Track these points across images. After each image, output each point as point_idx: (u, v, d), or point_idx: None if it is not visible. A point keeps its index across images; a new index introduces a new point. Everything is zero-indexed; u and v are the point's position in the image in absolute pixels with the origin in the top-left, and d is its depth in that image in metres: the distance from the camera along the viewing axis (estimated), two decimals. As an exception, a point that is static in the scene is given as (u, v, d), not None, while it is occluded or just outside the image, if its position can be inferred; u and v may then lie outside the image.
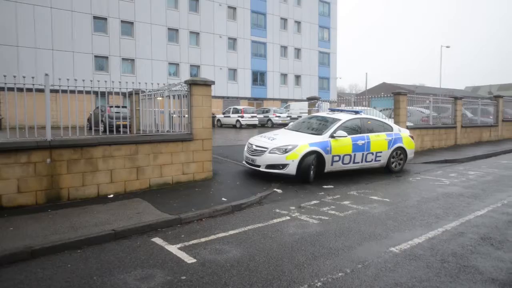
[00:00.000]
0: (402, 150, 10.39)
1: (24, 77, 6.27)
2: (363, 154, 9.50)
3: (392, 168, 10.22)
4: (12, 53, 27.87)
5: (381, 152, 9.87)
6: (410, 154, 10.69)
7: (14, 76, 6.12)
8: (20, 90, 6.32)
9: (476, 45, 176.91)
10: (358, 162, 9.50)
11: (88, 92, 7.91)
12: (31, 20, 28.66)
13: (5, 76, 5.98)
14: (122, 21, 33.37)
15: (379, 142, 9.81)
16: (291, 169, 8.33)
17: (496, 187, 8.51)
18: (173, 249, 4.48)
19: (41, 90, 6.58)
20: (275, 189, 7.86)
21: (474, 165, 11.87)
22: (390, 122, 11.70)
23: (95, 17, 31.93)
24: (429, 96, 16.40)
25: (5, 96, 6.27)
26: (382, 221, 5.75)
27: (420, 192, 7.93)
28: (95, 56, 32.23)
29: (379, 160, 9.92)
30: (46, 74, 6.54)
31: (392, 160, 10.20)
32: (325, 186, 8.34)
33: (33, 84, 6.46)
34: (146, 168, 7.56)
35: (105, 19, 32.52)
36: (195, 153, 8.33)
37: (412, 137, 10.94)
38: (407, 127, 13.17)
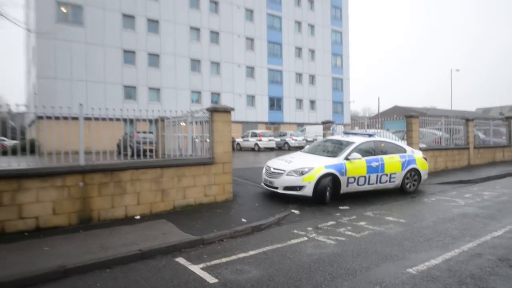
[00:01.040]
0: (416, 171, 10.16)
1: (61, 107, 6.54)
2: (377, 175, 9.34)
3: (407, 189, 9.98)
4: (50, 84, 29.02)
5: (395, 173, 9.68)
6: (424, 175, 10.44)
7: (53, 107, 6.39)
8: (57, 118, 6.59)
9: (487, 67, 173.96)
10: (373, 184, 9.34)
11: (117, 119, 8.12)
12: (68, 54, 29.90)
13: (44, 107, 6.25)
14: (149, 54, 34.48)
15: (393, 163, 9.64)
16: (308, 191, 8.24)
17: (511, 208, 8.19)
18: (196, 269, 4.46)
19: (75, 118, 6.82)
20: (292, 210, 7.74)
21: (488, 186, 11.43)
22: (403, 144, 11.50)
23: (125, 51, 33.10)
24: (441, 118, 16.13)
25: (44, 124, 6.50)
26: (399, 241, 5.58)
27: (436, 213, 7.68)
28: (125, 86, 33.21)
29: (394, 181, 9.72)
30: (81, 104, 6.77)
31: (406, 181, 9.96)
32: (341, 207, 8.18)
33: (69, 114, 6.70)
34: (170, 191, 7.62)
35: (134, 52, 33.66)
36: (216, 176, 8.35)
37: (425, 158, 10.71)
38: (420, 149, 12.91)
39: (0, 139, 7.92)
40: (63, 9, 30.09)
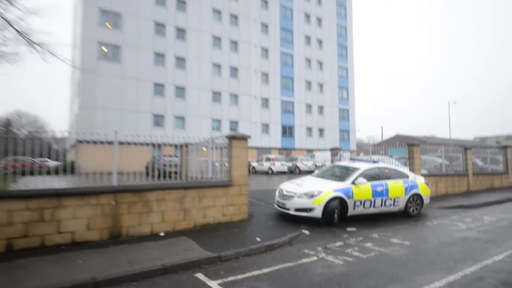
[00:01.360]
0: (418, 196, 9.85)
1: (98, 134, 6.72)
2: (382, 199, 9.10)
3: (410, 212, 9.65)
4: (90, 113, 29.96)
5: (399, 197, 9.41)
6: (426, 200, 10.10)
7: (91, 133, 6.56)
8: (95, 143, 6.77)
9: (484, 99, 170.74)
10: (378, 207, 9.08)
11: (147, 144, 8.26)
12: (107, 87, 30.95)
13: (84, 133, 6.43)
14: (176, 86, 35.38)
15: (396, 188, 9.40)
16: (317, 213, 8.07)
17: (511, 233, 7.79)
18: (214, 284, 4.37)
19: (111, 143, 6.98)
20: (303, 231, 7.55)
21: (488, 211, 10.93)
22: (406, 170, 11.25)
23: (155, 84, 34.06)
24: (441, 146, 15.79)
25: (83, 148, 6.66)
26: (404, 263, 5.35)
27: (438, 236, 7.36)
28: (154, 115, 33.93)
29: (397, 205, 9.44)
30: (116, 132, 6.95)
31: (409, 205, 9.66)
32: (348, 229, 7.93)
33: (105, 139, 6.87)
34: (192, 210, 7.57)
35: (163, 85, 34.59)
36: (234, 197, 8.29)
37: (427, 184, 10.41)
38: (422, 175, 12.59)
39: (44, 160, 8.12)
40: (104, 49, 31.43)
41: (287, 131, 44.04)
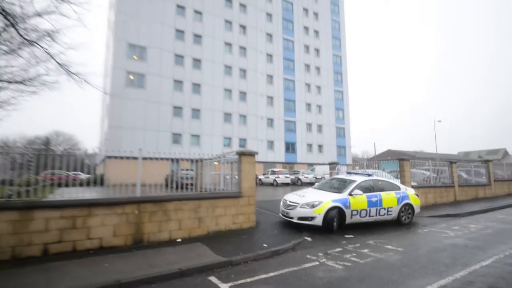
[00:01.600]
0: (409, 206, 9.64)
1: (125, 151, 6.79)
2: (376, 209, 8.93)
3: (402, 221, 9.43)
4: (117, 132, 30.35)
5: (391, 207, 9.23)
6: (417, 209, 9.88)
7: (118, 150, 6.63)
8: (121, 158, 6.83)
9: (467, 116, 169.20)
10: (373, 216, 8.91)
11: (166, 159, 8.30)
12: (132, 109, 31.43)
13: (112, 150, 6.50)
14: (192, 109, 35.77)
15: (389, 199, 9.23)
16: (318, 221, 7.94)
17: (496, 240, 7.52)
18: (225, 287, 4.30)
19: (135, 158, 7.04)
20: (305, 237, 7.41)
21: (474, 219, 10.62)
22: (398, 182, 11.05)
23: (174, 107, 34.49)
24: (428, 161, 15.56)
25: (111, 163, 6.71)
26: (398, 268, 5.20)
27: (429, 243, 7.15)
28: (173, 133, 34.18)
29: (391, 214, 9.24)
30: (140, 149, 7.03)
31: (401, 214, 9.45)
32: (346, 236, 7.77)
33: (130, 155, 6.93)
34: (206, 218, 7.52)
35: (181, 108, 35.01)
36: (243, 207, 8.22)
37: (417, 195, 10.20)
38: (412, 186, 12.35)
39: (77, 173, 8.21)
40: (131, 77, 32.14)
41: (290, 147, 43.93)
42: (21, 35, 10.65)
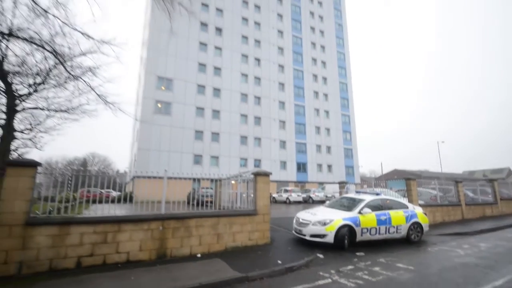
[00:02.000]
0: (418, 224, 9.13)
1: (152, 172, 6.89)
2: (386, 227, 8.52)
3: (412, 239, 8.92)
4: (145, 154, 31.02)
5: (400, 225, 8.78)
6: (425, 228, 9.34)
7: (146, 172, 6.73)
8: (149, 178, 6.92)
9: (472, 135, 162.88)
10: (383, 234, 8.48)
11: (188, 179, 8.35)
12: (159, 134, 32.25)
13: (140, 171, 6.61)
14: (212, 133, 36.32)
15: (398, 217, 8.81)
16: (330, 238, 7.64)
17: (508, 259, 6.97)
18: (242, 302, 4.12)
19: (161, 178, 7.12)
20: (318, 254, 7.12)
21: (483, 238, 9.93)
22: (405, 201, 10.59)
23: (196, 131, 35.15)
24: (434, 180, 14.92)
25: (139, 182, 6.80)
26: (410, 287, 4.86)
27: (440, 262, 6.69)
28: (194, 155, 34.59)
29: (400, 232, 8.78)
30: (165, 170, 7.14)
31: (410, 232, 8.95)
32: (358, 253, 7.39)
33: (157, 175, 7.02)
34: (224, 235, 7.39)
35: (202, 131, 35.62)
36: (258, 224, 8.04)
37: (425, 213, 9.68)
38: (420, 205, 11.81)
39: (109, 191, 8.35)
40: (159, 105, 33.26)
41: (301, 167, 43.40)
42: (68, 71, 11.36)
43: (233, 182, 9.75)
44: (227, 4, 41.03)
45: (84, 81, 11.41)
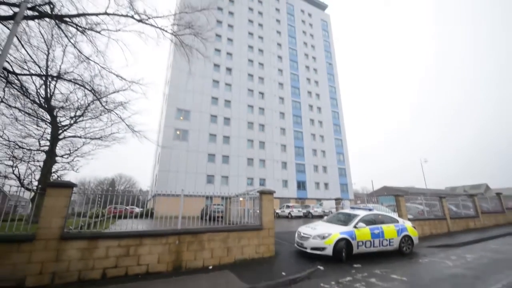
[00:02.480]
0: (408, 237, 8.73)
1: (170, 191, 6.87)
2: (380, 240, 8.16)
3: (404, 251, 8.49)
4: (165, 175, 31.01)
5: (393, 239, 8.40)
6: (415, 240, 8.90)
7: (166, 191, 6.72)
8: (168, 195, 6.88)
9: (454, 155, 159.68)
10: (377, 247, 8.10)
11: (202, 196, 8.27)
12: (177, 157, 32.48)
13: (161, 190, 6.60)
14: (222, 155, 36.45)
15: (390, 231, 8.46)
16: (329, 251, 7.32)
17: (493, 269, 6.55)
18: (250, 313, 3.89)
19: (178, 196, 7.06)
20: (318, 266, 6.79)
21: (469, 249, 9.37)
22: (396, 215, 10.22)
23: (209, 154, 35.34)
24: (420, 196, 14.46)
25: (159, 199, 6.75)
26: (405, 299, 4.56)
27: (430, 273, 6.31)
28: (207, 175, 34.45)
29: (392, 245, 8.38)
30: (182, 190, 7.11)
31: (402, 245, 8.54)
32: (355, 265, 7.04)
33: (175, 193, 6.98)
34: (233, 248, 7.16)
35: (214, 155, 35.79)
36: (264, 238, 7.79)
37: (414, 227, 9.28)
38: (409, 219, 11.37)
39: (133, 207, 8.27)
40: (178, 133, 33.84)
41: (301, 185, 42.68)
42: (103, 106, 11.80)
43: (241, 199, 9.61)
44: (236, 49, 43.01)
45: (116, 113, 11.79)
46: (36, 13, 6.71)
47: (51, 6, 6.69)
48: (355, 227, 7.94)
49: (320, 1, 59.93)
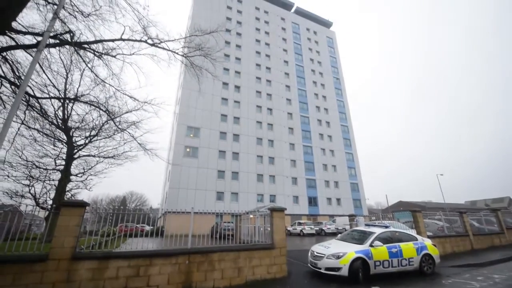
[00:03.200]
0: (429, 256, 8.20)
1: (181, 209, 6.84)
2: (398, 259, 7.69)
3: (425, 271, 7.94)
4: (175, 192, 31.04)
5: (412, 258, 7.92)
6: (437, 259, 8.35)
7: (176, 209, 6.70)
8: (178, 213, 6.84)
9: (474, 168, 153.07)
10: (396, 266, 7.63)
11: (212, 213, 8.17)
12: (187, 174, 32.65)
13: (171, 208, 6.57)
14: (232, 172, 36.39)
15: (408, 249, 7.99)
16: (344, 272, 6.93)
17: (528, 294, 5.99)
18: None
19: (188, 213, 7.01)
20: (334, 288, 6.45)
21: (496, 269, 8.66)
22: (414, 232, 9.71)
23: (218, 171, 35.37)
24: (439, 211, 13.76)
25: (169, 217, 6.69)
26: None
27: (458, 297, 5.85)
28: (217, 192, 34.27)
29: (412, 265, 7.87)
30: (192, 208, 7.06)
31: (423, 264, 8.02)
32: (373, 287, 6.65)
33: (185, 211, 6.94)
34: (244, 268, 6.92)
35: (223, 171, 35.77)
36: (276, 258, 7.51)
37: (434, 245, 8.74)
38: (428, 236, 10.75)
39: (143, 225, 8.24)
40: (188, 150, 34.29)
41: (312, 201, 41.66)
42: (116, 126, 12.20)
43: (251, 216, 9.44)
44: (244, 68, 44.25)
45: (129, 132, 12.14)
46: (57, 41, 7.20)
47: (71, 34, 7.18)
48: (371, 245, 7.56)
49: (325, 20, 61.67)
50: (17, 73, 7.23)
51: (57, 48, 8.03)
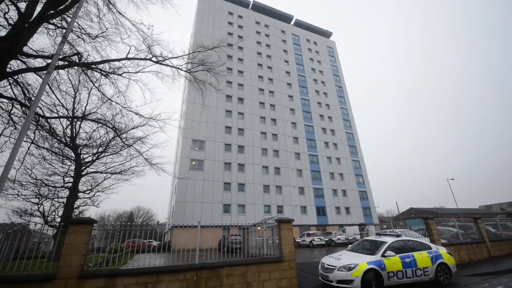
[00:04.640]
0: (445, 265, 7.86)
1: (187, 223, 6.79)
2: (412, 270, 7.40)
3: (441, 281, 7.59)
4: (182, 206, 30.88)
5: (427, 267, 7.60)
6: (453, 269, 7.98)
7: (183, 223, 6.64)
8: (185, 227, 6.78)
9: (484, 169, 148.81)
10: (410, 277, 7.32)
11: (219, 227, 8.08)
12: (193, 187, 32.64)
13: (178, 222, 6.52)
14: (238, 184, 36.21)
15: (422, 259, 7.69)
16: (357, 284, 6.68)
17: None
18: None
19: (195, 227, 6.94)
20: (347, 302, 6.19)
21: (518, 278, 8.23)
22: (427, 241, 9.37)
23: (224, 183, 35.26)
24: (452, 217, 13.29)
25: (176, 231, 6.63)
26: None
27: (479, 309, 5.54)
28: (223, 204, 34.00)
29: (428, 275, 7.55)
30: (199, 222, 7.00)
31: (439, 274, 7.68)
32: (388, 300, 6.36)
33: (191, 225, 6.88)
34: (253, 283, 6.73)
35: (229, 183, 35.64)
36: (285, 271, 7.31)
37: (450, 253, 8.39)
38: (442, 244, 10.35)
39: (150, 241, 8.18)
40: (193, 163, 34.44)
41: (320, 210, 40.88)
42: (123, 142, 12.39)
43: (259, 228, 9.31)
44: (246, 80, 44.98)
45: (135, 148, 12.30)
46: (66, 63, 7.49)
47: (79, 56, 7.47)
48: (383, 255, 7.31)
49: (324, 30, 62.83)
50: (27, 95, 7.50)
51: (66, 69, 8.34)
